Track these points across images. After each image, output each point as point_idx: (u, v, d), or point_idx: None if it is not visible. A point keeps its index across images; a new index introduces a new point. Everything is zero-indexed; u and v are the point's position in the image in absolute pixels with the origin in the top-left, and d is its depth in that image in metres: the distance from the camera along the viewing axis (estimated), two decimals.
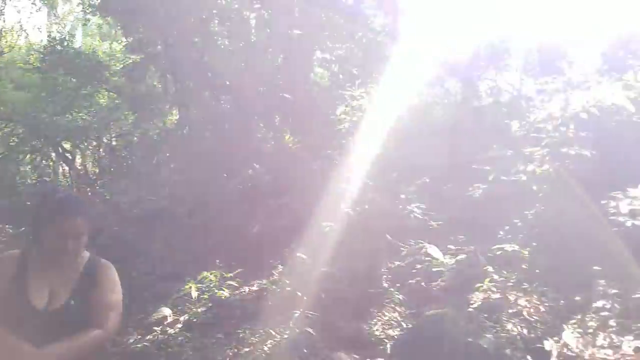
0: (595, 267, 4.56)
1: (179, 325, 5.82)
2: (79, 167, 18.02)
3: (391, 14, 9.61)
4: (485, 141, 7.66)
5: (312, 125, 7.53)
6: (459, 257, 5.89)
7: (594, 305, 3.96)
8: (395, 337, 4.34)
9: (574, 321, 3.86)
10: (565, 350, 3.40)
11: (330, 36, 11.41)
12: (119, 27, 15.44)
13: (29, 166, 17.89)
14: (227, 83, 12.59)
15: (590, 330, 3.58)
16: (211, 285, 5.97)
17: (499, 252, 5.38)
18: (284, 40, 9.18)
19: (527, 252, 5.12)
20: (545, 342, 3.57)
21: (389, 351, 4.09)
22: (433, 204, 7.62)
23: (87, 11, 15.31)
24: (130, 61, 15.11)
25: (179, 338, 5.37)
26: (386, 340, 4.35)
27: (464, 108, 8.97)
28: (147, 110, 15.57)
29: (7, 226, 13.93)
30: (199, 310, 5.74)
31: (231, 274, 6.15)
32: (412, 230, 6.77)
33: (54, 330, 1.97)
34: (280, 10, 8.32)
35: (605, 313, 3.80)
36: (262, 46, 8.70)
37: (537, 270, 4.95)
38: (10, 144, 16.73)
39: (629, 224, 4.37)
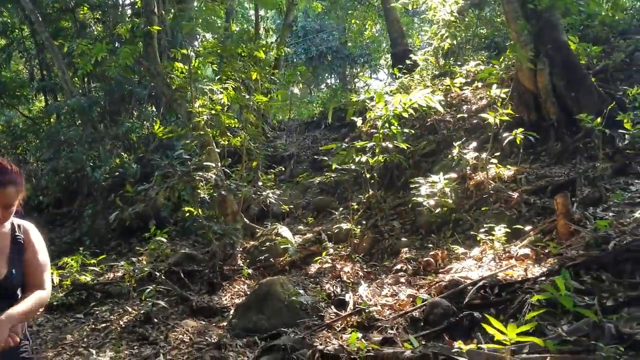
0: (403, 240, 5.62)
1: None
2: None
3: None
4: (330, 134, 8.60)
5: (178, 115, 7.93)
6: (307, 236, 6.72)
7: (395, 267, 4.95)
8: (237, 304, 5.01)
9: (378, 280, 4.81)
10: (359, 300, 4.30)
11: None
12: None
13: None
14: (97, 70, 12.42)
15: (384, 286, 4.54)
16: (72, 271, 6.18)
17: (336, 230, 6.26)
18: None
19: (358, 230, 6.04)
20: (346, 295, 4.45)
21: (230, 315, 4.75)
22: (292, 190, 8.45)
23: None
24: None
25: (39, 319, 5.59)
26: (232, 308, 5.01)
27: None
28: (10, 97, 14.80)
29: None
30: (60, 295, 5.94)
31: (94, 260, 6.41)
32: (270, 215, 7.52)
33: (2, 298, 1.99)
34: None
35: (401, 273, 4.79)
36: (129, 36, 8.84)
37: (364, 244, 5.89)
38: None
39: (425, 203, 5.43)
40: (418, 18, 18.18)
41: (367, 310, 3.95)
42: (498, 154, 5.95)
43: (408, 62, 9.42)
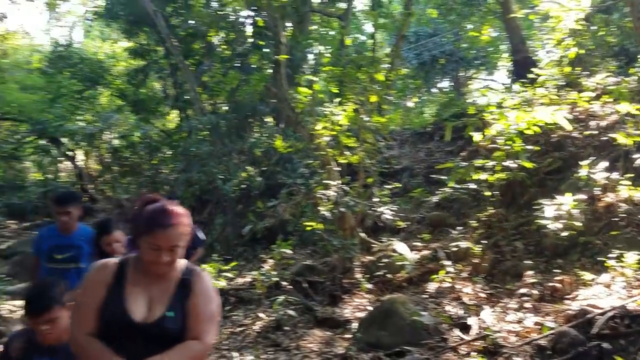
0: (526, 262, 5.52)
1: None
2: (82, 166, 18.85)
3: None
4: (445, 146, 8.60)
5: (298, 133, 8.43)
6: (423, 253, 6.82)
7: (519, 291, 4.90)
8: (360, 318, 5.27)
9: (501, 304, 4.80)
10: (482, 324, 4.33)
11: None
12: (122, 33, 16.30)
13: (34, 164, 18.62)
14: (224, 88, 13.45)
15: (508, 310, 4.53)
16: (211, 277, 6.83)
17: (455, 249, 6.30)
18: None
19: (478, 249, 6.04)
20: (469, 318, 4.50)
21: (354, 329, 5.01)
22: (405, 204, 8.57)
23: (92, 18, 16.23)
24: (133, 67, 16.04)
25: None
26: (354, 321, 5.28)
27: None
28: (148, 112, 16.49)
29: (10, 221, 14.80)
30: None
31: (227, 267, 7.04)
32: (385, 229, 7.72)
33: (150, 343, 1.90)
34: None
35: (525, 298, 4.74)
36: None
37: (484, 265, 5.88)
38: (16, 143, 17.37)
39: (551, 226, 5.30)
40: (540, 21, 17.41)
41: (492, 336, 4.00)
42: (631, 175, 5.64)
43: (530, 75, 9.14)
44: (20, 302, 6.58)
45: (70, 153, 17.40)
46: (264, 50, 12.52)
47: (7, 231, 14.20)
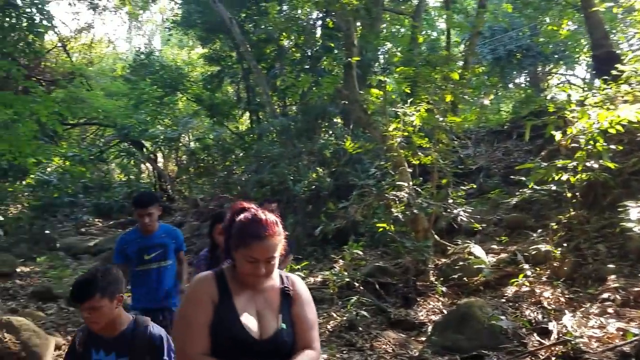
0: (609, 266, 5.25)
1: None
2: (161, 167, 19.85)
3: None
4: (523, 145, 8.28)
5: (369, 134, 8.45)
6: (500, 256, 6.65)
7: (602, 296, 4.67)
8: (436, 321, 5.22)
9: (582, 309, 4.60)
10: (563, 329, 4.17)
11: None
12: (197, 40, 17.02)
13: (118, 166, 19.78)
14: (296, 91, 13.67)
15: (589, 315, 4.32)
16: None
17: (534, 252, 6.09)
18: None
19: (558, 252, 5.81)
20: (549, 323, 4.34)
21: (429, 332, 4.97)
22: (482, 206, 8.37)
23: (171, 26, 17.07)
24: (208, 73, 16.71)
25: None
26: (428, 324, 5.24)
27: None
28: (222, 116, 17.10)
29: (97, 220, 15.82)
30: None
31: (299, 266, 7.18)
32: (460, 232, 7.57)
33: (266, 359, 1.85)
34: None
35: (608, 303, 4.51)
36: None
37: (565, 268, 5.65)
38: (102, 146, 18.49)
39: (636, 229, 4.99)
40: (623, 14, 16.41)
41: (572, 342, 3.86)
42: None
43: (613, 71, 8.65)
44: None
45: (151, 155, 18.37)
46: (335, 52, 12.66)
47: (93, 229, 15.22)
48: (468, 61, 10.98)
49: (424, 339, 4.95)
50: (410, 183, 6.58)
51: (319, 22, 15.75)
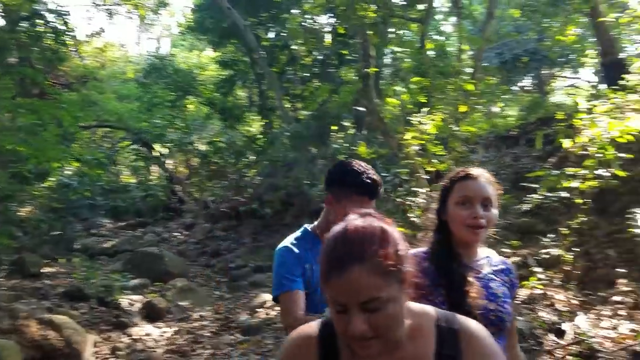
0: (619, 270, 5.53)
1: (278, 308, 7.23)
2: (172, 170, 20.15)
3: None
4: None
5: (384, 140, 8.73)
6: (512, 259, 6.92)
7: (613, 299, 4.95)
8: None
9: (595, 311, 4.87)
10: (577, 330, 4.44)
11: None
12: (210, 45, 17.36)
13: (129, 168, 20.09)
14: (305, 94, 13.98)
15: (602, 317, 4.60)
16: None
17: (545, 256, 6.37)
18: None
19: (569, 256, 6.08)
20: (563, 324, 4.62)
21: None
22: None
23: (184, 31, 17.43)
24: (221, 76, 17.03)
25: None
26: None
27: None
28: (234, 119, 17.44)
29: (105, 222, 16.11)
30: None
31: None
32: None
33: None
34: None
35: (620, 305, 4.78)
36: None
37: (576, 272, 5.92)
38: (114, 149, 18.80)
39: None
40: (630, 23, 16.64)
41: (587, 341, 4.13)
42: None
43: (621, 80, 8.91)
44: (138, 297, 7.34)
45: (162, 158, 18.69)
46: (347, 58, 12.94)
47: (103, 230, 15.51)
48: (477, 70, 11.25)
49: None
50: (427, 189, 6.86)
51: (329, 27, 16.10)
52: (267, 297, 7.62)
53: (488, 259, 1.93)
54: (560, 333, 4.60)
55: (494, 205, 1.76)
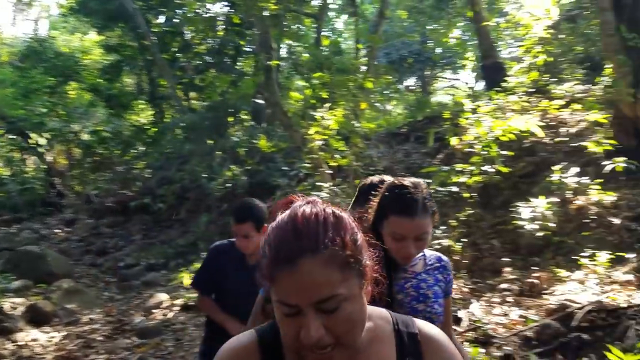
0: (504, 259, 6.04)
1: (176, 308, 6.96)
2: (51, 161, 18.57)
3: None
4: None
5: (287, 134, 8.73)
6: None
7: (500, 286, 5.40)
8: None
9: (485, 298, 5.28)
10: (472, 317, 4.79)
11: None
12: (95, 28, 16.16)
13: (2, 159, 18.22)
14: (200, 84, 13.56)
15: (493, 304, 5.01)
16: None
17: (438, 247, 6.75)
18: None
19: (458, 247, 6.51)
20: (459, 311, 4.95)
21: None
22: None
23: (66, 13, 16.03)
24: (106, 62, 15.94)
25: (180, 317, 6.50)
26: None
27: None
28: (120, 107, 16.44)
29: None
30: (192, 295, 6.83)
31: None
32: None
33: None
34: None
35: (507, 292, 5.23)
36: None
37: (465, 261, 6.36)
38: None
39: (527, 226, 5.81)
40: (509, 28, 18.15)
41: (482, 328, 4.45)
42: (600, 180, 6.21)
43: (502, 82, 9.70)
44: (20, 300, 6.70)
45: (39, 149, 17.16)
46: (244, 49, 12.74)
47: None
48: (370, 68, 11.65)
49: None
50: (330, 184, 6.97)
51: (223, 16, 15.73)
52: (164, 297, 7.30)
53: (423, 256, 1.93)
54: (456, 320, 4.90)
55: (429, 234, 1.73)
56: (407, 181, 1.75)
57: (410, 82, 26.10)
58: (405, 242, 1.68)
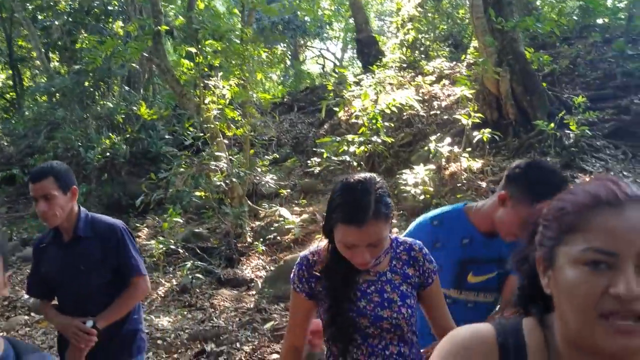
0: (393, 221, 6.74)
1: None
2: None
3: None
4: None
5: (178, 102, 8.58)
6: (303, 217, 7.69)
7: None
8: (263, 276, 5.97)
9: None
10: None
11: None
12: None
13: None
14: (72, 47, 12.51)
15: None
16: None
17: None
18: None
19: None
20: None
21: (260, 286, 5.68)
22: (278, 173, 9.35)
23: None
24: None
25: None
26: (256, 279, 5.95)
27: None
28: None
29: None
30: None
31: None
32: (263, 196, 8.42)
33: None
34: None
35: None
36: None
37: None
38: None
39: (412, 191, 6.54)
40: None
41: None
42: (469, 149, 7.11)
43: (377, 57, 10.38)
44: None
45: None
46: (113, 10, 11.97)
47: None
48: (247, 34, 11.64)
49: (254, 292, 5.65)
50: (226, 154, 7.09)
51: None
52: None
53: (389, 251, 1.70)
54: None
55: (383, 239, 1.53)
56: (357, 181, 1.54)
57: (281, 49, 26.37)
58: (358, 249, 1.52)
